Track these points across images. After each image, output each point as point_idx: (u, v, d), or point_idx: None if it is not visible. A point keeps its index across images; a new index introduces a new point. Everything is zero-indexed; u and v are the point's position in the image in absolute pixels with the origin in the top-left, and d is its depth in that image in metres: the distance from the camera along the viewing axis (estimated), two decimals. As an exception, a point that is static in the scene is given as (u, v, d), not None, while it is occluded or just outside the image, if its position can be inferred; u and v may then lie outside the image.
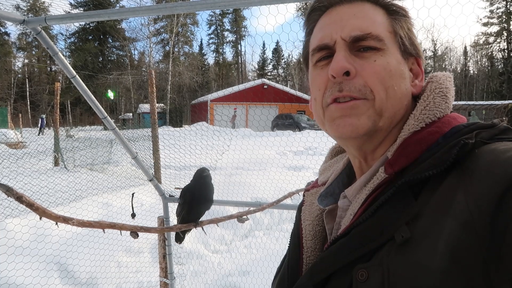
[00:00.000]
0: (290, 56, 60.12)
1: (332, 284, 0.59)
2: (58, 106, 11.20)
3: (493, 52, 49.21)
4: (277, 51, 62.62)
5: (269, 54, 64.42)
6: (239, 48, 63.10)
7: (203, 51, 61.37)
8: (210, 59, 63.24)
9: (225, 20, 62.29)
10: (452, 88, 0.66)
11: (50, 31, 45.88)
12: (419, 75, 0.70)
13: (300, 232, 0.77)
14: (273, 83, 33.67)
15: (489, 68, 50.35)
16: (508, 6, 45.31)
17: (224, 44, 63.05)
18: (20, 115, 28.79)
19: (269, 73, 63.85)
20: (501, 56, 47.86)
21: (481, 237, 0.44)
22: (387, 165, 0.60)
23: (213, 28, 62.85)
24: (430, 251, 0.48)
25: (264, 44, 61.71)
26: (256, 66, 65.33)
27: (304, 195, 0.85)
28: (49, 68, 51.26)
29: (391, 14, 0.67)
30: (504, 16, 45.85)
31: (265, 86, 30.53)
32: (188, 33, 49.24)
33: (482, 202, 0.46)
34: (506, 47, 46.77)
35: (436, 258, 0.46)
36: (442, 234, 0.47)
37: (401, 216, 0.53)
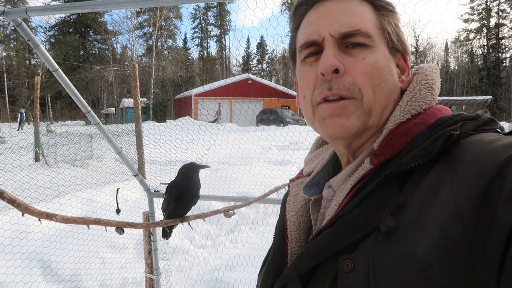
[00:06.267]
0: (274, 51, 60.16)
1: (317, 275, 0.59)
2: (39, 100, 10.95)
3: (473, 49, 50.20)
4: (261, 46, 62.46)
5: (253, 49, 64.28)
6: (224, 43, 62.69)
7: (187, 45, 60.74)
8: (194, 53, 62.63)
9: (209, 14, 61.72)
10: (438, 79, 0.67)
11: (29, 24, 44.73)
12: (405, 71, 0.70)
13: (285, 223, 0.76)
14: (257, 78, 33.61)
15: (469, 64, 51.33)
16: (488, 3, 46.21)
17: (208, 38, 62.52)
18: (-2, 109, 28.07)
19: (253, 68, 63.66)
20: (480, 53, 48.82)
21: (467, 227, 0.44)
22: (372, 156, 0.60)
23: (197, 22, 62.26)
24: (416, 240, 0.48)
25: (248, 39, 61.50)
26: (241, 61, 65.12)
27: (289, 186, 0.84)
28: (28, 62, 49.90)
29: (378, 10, 0.67)
30: (484, 13, 46.73)
31: (250, 81, 30.45)
32: (172, 27, 48.64)
33: (468, 193, 0.46)
34: (485, 43, 47.70)
35: (422, 248, 0.46)
36: (427, 224, 0.47)
37: (386, 206, 0.53)
